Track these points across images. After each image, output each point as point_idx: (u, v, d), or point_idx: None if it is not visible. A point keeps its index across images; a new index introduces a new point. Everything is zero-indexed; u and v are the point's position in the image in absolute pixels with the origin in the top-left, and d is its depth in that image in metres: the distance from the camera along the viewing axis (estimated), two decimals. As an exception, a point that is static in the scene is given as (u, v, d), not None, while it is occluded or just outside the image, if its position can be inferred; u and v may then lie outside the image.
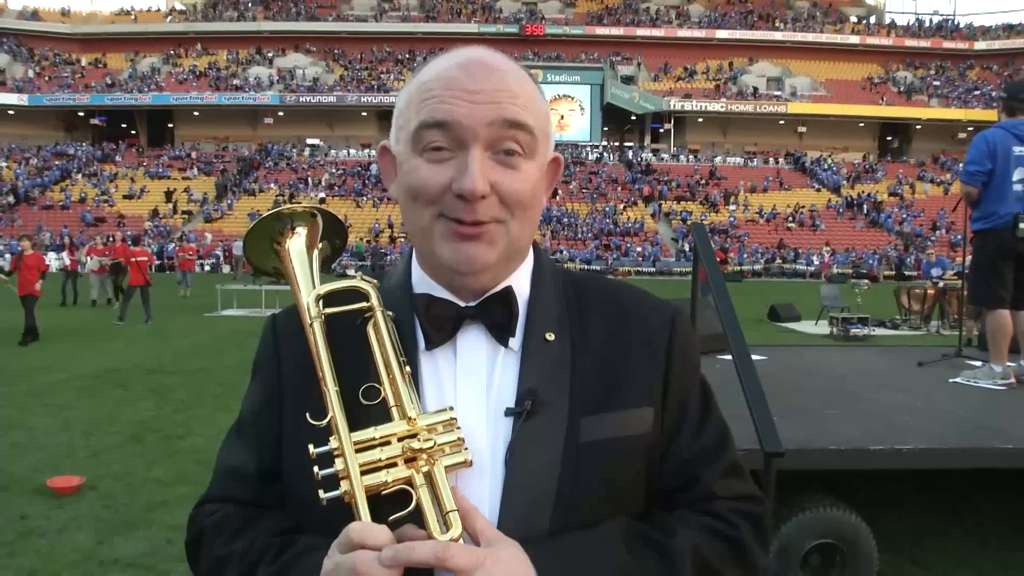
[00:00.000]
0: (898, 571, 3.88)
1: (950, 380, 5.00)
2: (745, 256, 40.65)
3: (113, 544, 4.37)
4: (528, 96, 0.97)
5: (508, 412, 0.96)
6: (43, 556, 4.21)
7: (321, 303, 1.00)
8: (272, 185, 48.74)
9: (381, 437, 0.90)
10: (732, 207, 47.44)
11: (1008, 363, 4.88)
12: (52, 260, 29.26)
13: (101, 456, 6.13)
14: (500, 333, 0.99)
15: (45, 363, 10.55)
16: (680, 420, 1.04)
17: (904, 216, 45.94)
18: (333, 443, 0.89)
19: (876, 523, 3.56)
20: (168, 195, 47.03)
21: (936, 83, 59.22)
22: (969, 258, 5.61)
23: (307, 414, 0.93)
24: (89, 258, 20.59)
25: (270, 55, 60.60)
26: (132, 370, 10.09)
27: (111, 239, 25.53)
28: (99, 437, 6.70)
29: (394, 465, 0.89)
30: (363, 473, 0.88)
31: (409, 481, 0.88)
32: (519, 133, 0.95)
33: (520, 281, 1.04)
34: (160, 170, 51.03)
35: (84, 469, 5.72)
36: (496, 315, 0.99)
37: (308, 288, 1.04)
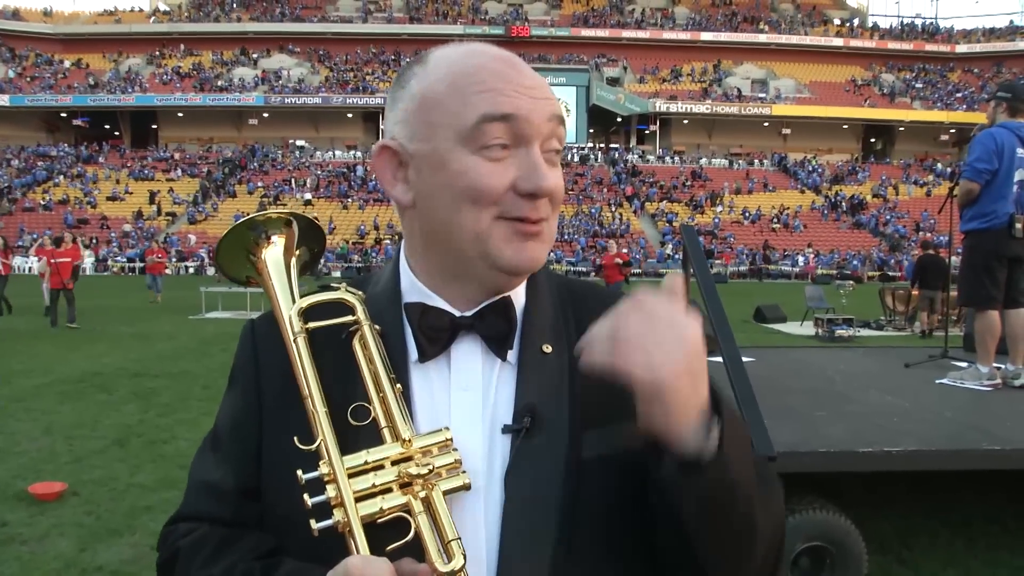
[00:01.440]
0: (886, 572, 3.89)
1: (936, 381, 5.02)
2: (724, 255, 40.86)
3: (96, 551, 4.30)
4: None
5: (506, 429, 0.91)
6: (24, 564, 4.14)
7: (303, 317, 0.95)
8: (260, 185, 48.51)
9: (374, 461, 0.85)
10: (719, 208, 47.65)
11: (995, 364, 4.91)
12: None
13: (84, 461, 6.05)
14: (498, 345, 0.95)
15: (27, 367, 10.42)
16: None
17: (888, 217, 46.31)
18: (323, 468, 0.84)
19: (864, 524, 3.57)
20: (152, 197, 46.71)
21: (919, 85, 59.78)
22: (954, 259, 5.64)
23: (295, 438, 0.88)
24: (38, 260, 18.56)
25: (255, 56, 60.35)
26: (115, 374, 9.98)
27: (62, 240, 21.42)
28: (82, 442, 6.61)
29: (389, 491, 0.84)
30: (357, 500, 0.83)
31: (407, 508, 0.84)
32: (560, 128, 0.95)
33: (516, 289, 0.99)
34: (144, 171, 50.68)
35: (66, 475, 5.64)
36: (494, 326, 0.95)
37: (288, 301, 0.98)
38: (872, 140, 61.41)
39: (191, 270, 38.90)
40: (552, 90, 0.97)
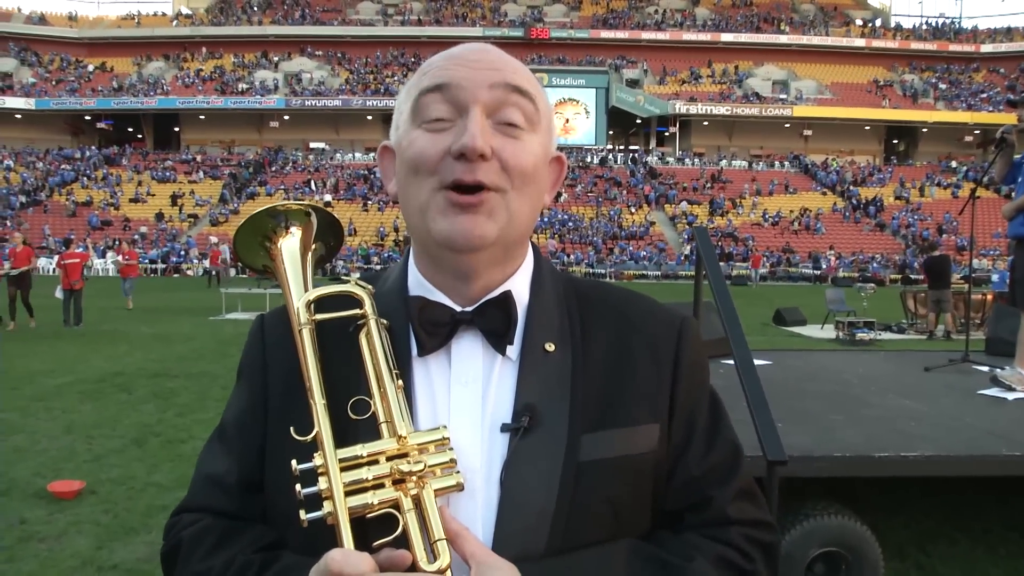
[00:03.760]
0: (904, 579, 3.83)
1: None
2: (751, 260, 40.46)
3: (113, 549, 4.34)
4: (529, 75, 0.96)
5: (504, 428, 0.91)
6: (42, 561, 4.18)
7: (312, 308, 0.96)
8: (281, 187, 48.79)
9: (369, 455, 0.85)
10: (740, 210, 47.34)
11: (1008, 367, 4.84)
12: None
13: (102, 460, 6.11)
14: (497, 340, 0.94)
15: (50, 366, 10.55)
16: (688, 436, 0.99)
17: (911, 220, 45.81)
18: (317, 460, 0.85)
19: (881, 530, 3.52)
20: (174, 199, 47.18)
21: (942, 86, 59.07)
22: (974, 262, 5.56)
23: (292, 428, 0.89)
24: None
25: (276, 59, 60.76)
26: (136, 374, 10.08)
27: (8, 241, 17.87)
28: (101, 441, 6.68)
29: (381, 486, 0.84)
30: (348, 494, 0.83)
31: (396, 504, 0.84)
32: (521, 99, 0.93)
33: (519, 285, 0.99)
34: (166, 173, 51.20)
35: (85, 473, 5.70)
36: (493, 320, 0.94)
37: (299, 292, 1.00)
38: (895, 141, 60.77)
39: (212, 271, 39.18)
40: (516, 66, 0.96)
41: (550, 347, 0.96)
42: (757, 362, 3.03)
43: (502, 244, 0.94)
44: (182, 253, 41.13)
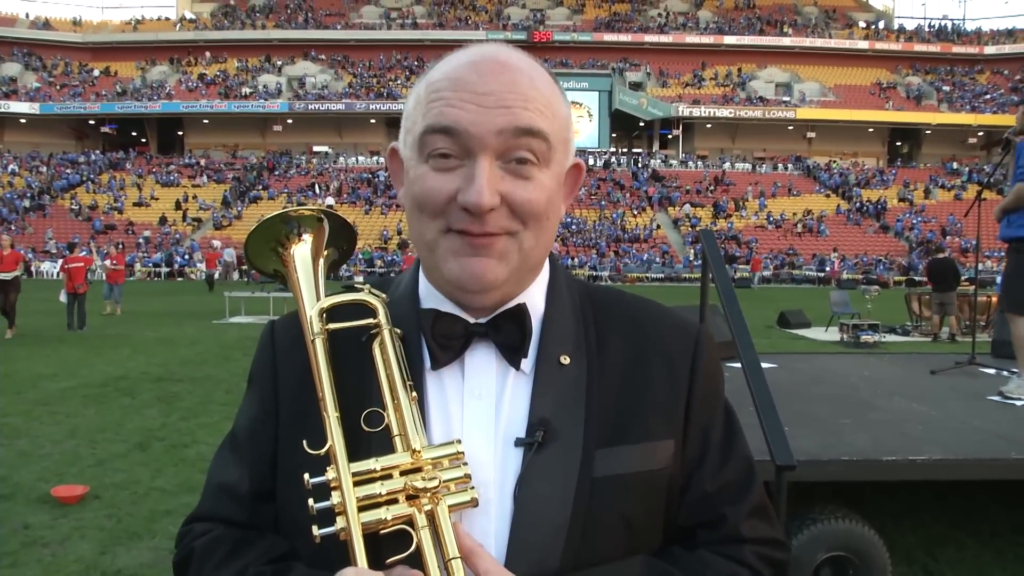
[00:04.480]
0: (912, 584, 3.80)
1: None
2: (751, 262, 40.40)
3: (116, 554, 4.32)
4: (544, 99, 0.90)
5: (519, 442, 0.90)
6: (46, 566, 4.17)
7: (324, 317, 0.94)
8: (285, 191, 48.86)
9: (382, 469, 0.84)
10: (743, 213, 47.28)
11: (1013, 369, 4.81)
12: None
13: (106, 464, 6.10)
14: (511, 354, 0.93)
15: (53, 370, 10.55)
16: (702, 450, 0.98)
17: (914, 222, 45.73)
18: (330, 473, 0.83)
19: (888, 534, 3.50)
20: (178, 203, 47.27)
21: (946, 88, 58.98)
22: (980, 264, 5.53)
23: (304, 441, 0.87)
24: None
25: (279, 63, 60.89)
26: (139, 378, 10.07)
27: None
28: (105, 445, 6.67)
29: (395, 501, 0.83)
30: (361, 509, 0.81)
31: (410, 520, 0.82)
32: (532, 141, 0.88)
33: (534, 297, 0.98)
34: (170, 177, 51.31)
35: (89, 478, 5.69)
36: (508, 334, 0.93)
37: (312, 299, 0.98)
38: (898, 144, 60.69)
39: (215, 275, 39.23)
40: (528, 96, 0.88)
41: (565, 360, 0.94)
42: (762, 365, 3.01)
43: (515, 278, 0.93)
44: (186, 257, 41.19)
